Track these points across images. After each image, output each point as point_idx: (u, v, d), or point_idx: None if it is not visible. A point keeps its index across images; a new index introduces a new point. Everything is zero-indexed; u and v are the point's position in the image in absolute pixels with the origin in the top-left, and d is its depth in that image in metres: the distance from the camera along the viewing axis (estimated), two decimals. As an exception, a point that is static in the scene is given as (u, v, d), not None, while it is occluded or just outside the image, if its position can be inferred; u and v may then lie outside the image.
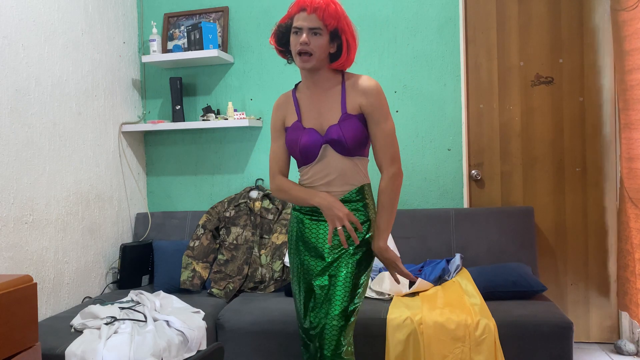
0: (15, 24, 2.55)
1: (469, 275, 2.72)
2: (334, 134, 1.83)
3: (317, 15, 1.76)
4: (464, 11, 3.17)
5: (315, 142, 1.85)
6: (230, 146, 3.46)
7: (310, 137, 1.86)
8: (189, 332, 2.34)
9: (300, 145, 1.86)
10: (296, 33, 1.80)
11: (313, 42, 1.77)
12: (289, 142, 1.91)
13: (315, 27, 1.77)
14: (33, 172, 2.62)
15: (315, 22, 1.77)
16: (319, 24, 1.77)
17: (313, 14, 1.76)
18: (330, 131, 1.84)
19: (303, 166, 1.93)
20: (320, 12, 1.76)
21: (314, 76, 1.87)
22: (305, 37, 1.76)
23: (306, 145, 1.85)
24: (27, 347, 1.79)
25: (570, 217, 3.13)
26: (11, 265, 2.47)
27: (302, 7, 1.79)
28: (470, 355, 2.27)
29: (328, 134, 1.85)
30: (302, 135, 1.86)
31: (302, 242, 1.95)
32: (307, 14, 1.77)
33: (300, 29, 1.78)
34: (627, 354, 2.95)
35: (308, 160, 1.88)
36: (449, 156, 3.19)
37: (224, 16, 3.41)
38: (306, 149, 1.86)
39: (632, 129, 2.70)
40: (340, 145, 1.84)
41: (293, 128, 1.89)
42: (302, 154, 1.87)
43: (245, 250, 3.10)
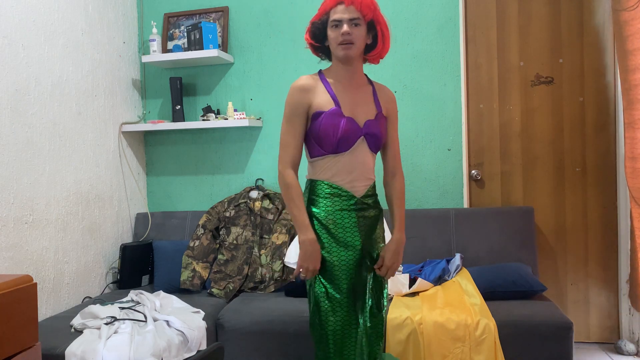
0: (15, 24, 2.55)
1: (469, 275, 2.72)
2: (374, 128, 1.89)
3: (355, 7, 1.82)
4: (464, 11, 3.17)
5: (355, 132, 1.85)
6: (230, 146, 3.46)
7: (352, 126, 1.85)
8: (189, 332, 2.34)
9: (341, 131, 1.83)
10: (336, 26, 1.84)
11: (353, 32, 1.82)
12: (326, 127, 1.83)
13: (354, 17, 1.82)
14: (33, 172, 2.62)
15: (354, 13, 1.82)
16: (358, 14, 1.82)
17: (351, 5, 1.82)
18: (369, 125, 1.88)
19: (329, 155, 1.86)
20: (358, 3, 1.82)
21: (349, 68, 1.90)
22: (346, 27, 1.81)
23: (347, 132, 1.83)
24: (27, 347, 1.80)
25: (570, 217, 3.13)
26: (11, 265, 2.47)
27: (340, 1, 1.83)
28: (470, 355, 2.27)
29: (367, 127, 1.88)
30: (342, 123, 1.83)
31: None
32: (346, 5, 1.82)
33: (340, 21, 1.82)
34: (627, 354, 2.95)
35: (341, 149, 1.85)
36: (449, 156, 3.19)
37: (224, 16, 3.41)
38: (346, 137, 1.84)
39: (635, 128, 2.69)
40: (375, 140, 1.90)
41: (332, 113, 1.84)
42: (340, 141, 1.83)
43: (245, 250, 3.10)
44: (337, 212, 1.87)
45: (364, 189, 1.90)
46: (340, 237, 1.87)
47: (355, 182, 1.89)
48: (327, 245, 1.87)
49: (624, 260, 3.02)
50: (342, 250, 1.86)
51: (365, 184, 1.91)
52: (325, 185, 1.88)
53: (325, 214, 1.88)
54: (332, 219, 1.87)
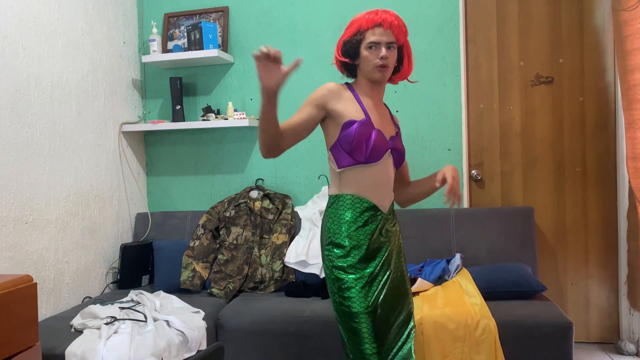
0: (15, 24, 2.55)
1: (469, 275, 2.72)
2: (398, 144, 1.94)
3: (393, 31, 1.87)
4: (464, 11, 3.17)
5: (384, 144, 1.88)
6: (230, 146, 3.46)
7: (382, 138, 1.87)
8: (189, 332, 2.34)
9: (373, 141, 1.83)
10: (371, 48, 1.86)
11: (389, 56, 1.87)
12: (359, 135, 1.82)
13: (391, 41, 1.87)
14: (33, 172, 2.62)
15: (391, 37, 1.87)
16: (394, 38, 1.88)
17: (389, 29, 1.86)
18: (394, 140, 1.93)
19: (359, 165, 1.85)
20: (395, 28, 1.87)
21: (377, 88, 1.95)
22: (385, 51, 1.85)
23: (379, 143, 1.85)
24: (27, 347, 1.79)
25: (570, 217, 3.13)
26: (11, 265, 2.47)
27: (378, 23, 1.86)
28: (470, 355, 2.27)
29: (393, 142, 1.92)
30: (374, 133, 1.84)
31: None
32: (384, 29, 1.86)
33: (378, 44, 1.85)
34: (627, 354, 2.95)
35: (372, 160, 1.84)
36: (449, 156, 3.19)
37: (224, 16, 3.41)
38: (377, 148, 1.84)
39: (635, 128, 2.69)
40: (399, 156, 1.95)
41: (364, 123, 1.83)
42: (372, 151, 1.83)
43: (245, 250, 3.10)
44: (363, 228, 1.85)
45: (388, 204, 1.92)
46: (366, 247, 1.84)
47: (382, 197, 1.89)
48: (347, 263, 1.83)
49: (624, 260, 3.02)
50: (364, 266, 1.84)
51: (390, 200, 1.94)
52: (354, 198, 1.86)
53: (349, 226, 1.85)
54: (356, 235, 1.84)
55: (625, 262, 3.01)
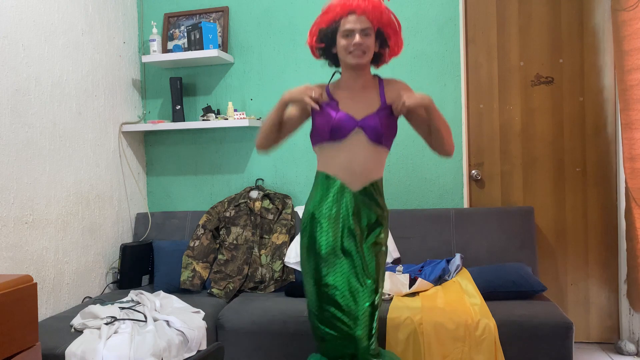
0: (15, 24, 2.55)
1: (469, 275, 2.72)
2: (371, 120, 1.93)
3: (367, 17, 1.88)
4: (464, 11, 3.17)
5: (349, 121, 1.92)
6: (230, 146, 3.46)
7: (346, 116, 1.93)
8: (189, 332, 2.34)
9: (335, 119, 1.91)
10: (347, 36, 1.90)
11: (365, 42, 1.89)
12: (320, 116, 1.95)
13: (365, 27, 1.88)
14: (33, 172, 2.62)
15: (365, 23, 1.88)
16: (369, 24, 1.89)
17: (363, 15, 1.88)
18: (368, 119, 1.94)
19: (328, 142, 1.95)
20: (369, 13, 1.88)
21: (357, 74, 1.98)
22: (359, 38, 1.87)
23: (340, 120, 1.91)
24: (27, 347, 1.80)
25: (570, 217, 3.13)
26: (11, 265, 2.47)
27: (351, 10, 1.88)
28: (470, 355, 2.27)
29: (365, 120, 1.93)
30: (336, 113, 1.92)
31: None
32: (357, 15, 1.88)
33: (352, 31, 1.88)
34: (627, 354, 2.95)
35: (336, 137, 1.92)
36: (449, 156, 3.19)
37: (224, 16, 3.41)
38: (339, 125, 1.91)
39: (633, 129, 2.70)
40: (375, 132, 1.93)
41: (327, 105, 1.94)
42: (334, 128, 1.91)
43: (245, 250, 3.10)
44: (324, 204, 1.95)
45: (360, 184, 1.95)
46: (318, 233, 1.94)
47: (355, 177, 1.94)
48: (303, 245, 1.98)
49: (624, 260, 3.02)
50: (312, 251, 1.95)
51: (364, 180, 1.95)
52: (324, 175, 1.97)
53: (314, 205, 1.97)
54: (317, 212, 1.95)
55: (625, 262, 3.01)
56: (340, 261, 1.92)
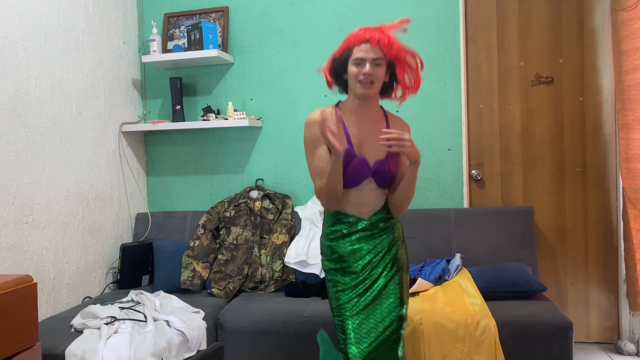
0: (15, 24, 2.55)
1: (469, 275, 2.72)
2: (384, 168, 1.94)
3: (380, 47, 1.88)
4: (464, 11, 3.17)
5: (364, 172, 1.92)
6: (230, 146, 3.46)
7: (362, 167, 1.91)
8: (189, 332, 2.34)
9: (350, 171, 1.89)
10: (358, 64, 1.89)
11: (374, 72, 1.88)
12: None
13: (377, 57, 1.88)
14: (33, 172, 2.62)
15: (377, 53, 1.88)
16: (381, 54, 1.89)
17: (376, 46, 1.88)
18: (379, 165, 1.94)
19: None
20: (383, 44, 1.88)
21: (365, 104, 1.96)
22: (369, 68, 1.87)
23: (356, 171, 1.90)
24: (27, 347, 1.80)
25: (570, 217, 3.13)
26: (11, 265, 2.47)
27: (364, 40, 1.88)
28: (470, 355, 2.27)
29: (376, 167, 1.93)
30: (353, 162, 1.90)
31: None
32: (371, 46, 1.87)
33: (363, 60, 1.88)
34: (627, 354, 2.95)
35: (351, 185, 1.92)
36: (449, 156, 3.19)
37: (224, 16, 3.41)
38: (353, 177, 1.91)
39: (629, 129, 2.70)
40: (384, 179, 1.95)
41: (345, 153, 1.86)
42: (350, 178, 1.90)
43: (245, 250, 3.10)
44: (341, 240, 1.95)
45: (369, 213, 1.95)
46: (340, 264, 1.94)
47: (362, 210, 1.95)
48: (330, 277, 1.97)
49: (624, 260, 3.01)
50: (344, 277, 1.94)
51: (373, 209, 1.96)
52: (336, 212, 1.96)
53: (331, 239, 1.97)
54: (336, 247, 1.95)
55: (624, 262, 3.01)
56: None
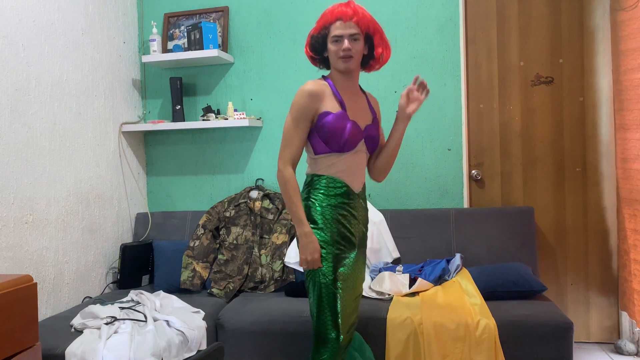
0: (15, 24, 2.55)
1: (469, 275, 2.72)
2: (374, 132, 2.06)
3: (354, 22, 1.97)
4: (464, 11, 3.17)
5: (358, 135, 2.00)
6: (230, 146, 3.46)
7: (357, 129, 2.00)
8: (189, 332, 2.34)
9: (348, 133, 1.96)
10: (337, 41, 1.98)
11: (353, 47, 1.98)
12: (333, 128, 1.95)
13: (354, 33, 1.97)
14: (33, 172, 2.62)
15: (353, 29, 1.97)
16: (357, 29, 1.97)
17: (350, 21, 1.96)
18: (369, 129, 2.05)
19: (334, 153, 1.99)
20: (357, 18, 1.97)
21: (349, 78, 2.06)
22: (347, 43, 1.96)
23: (353, 134, 1.98)
24: (27, 347, 1.80)
25: (570, 217, 3.13)
26: (11, 265, 2.47)
27: (339, 17, 1.98)
28: (470, 355, 2.27)
29: (367, 131, 2.04)
30: (349, 125, 1.97)
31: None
32: (344, 21, 1.97)
33: (340, 37, 1.97)
34: (627, 354, 2.95)
35: (345, 149, 1.98)
36: (449, 156, 3.19)
37: (224, 16, 3.41)
38: (352, 139, 1.98)
39: (626, 130, 2.70)
40: (373, 143, 2.07)
41: (339, 116, 1.97)
42: (347, 142, 1.97)
43: (245, 250, 3.10)
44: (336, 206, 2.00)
45: (360, 185, 2.08)
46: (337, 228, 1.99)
47: (355, 179, 2.04)
48: (321, 239, 1.98)
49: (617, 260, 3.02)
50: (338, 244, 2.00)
51: (362, 181, 2.09)
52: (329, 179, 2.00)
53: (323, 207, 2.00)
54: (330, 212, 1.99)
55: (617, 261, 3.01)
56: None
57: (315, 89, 1.98)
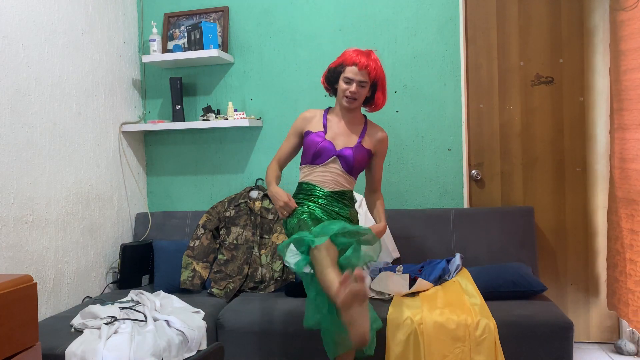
0: (15, 24, 2.55)
1: (469, 275, 2.72)
2: (347, 152, 2.35)
3: (366, 72, 2.29)
4: (464, 11, 3.17)
5: (330, 150, 2.34)
6: (230, 146, 3.46)
7: (328, 145, 2.35)
8: (189, 332, 2.34)
9: (318, 146, 2.34)
10: (347, 82, 2.31)
11: (359, 91, 2.31)
12: (309, 142, 2.37)
13: (363, 81, 2.30)
14: (33, 172, 2.62)
15: (364, 77, 2.30)
16: (367, 79, 2.30)
17: (364, 70, 2.28)
18: (344, 150, 2.35)
19: (308, 165, 2.38)
20: (369, 70, 2.29)
21: (348, 113, 2.40)
22: (355, 88, 2.30)
23: (323, 148, 2.33)
24: (27, 347, 1.80)
25: (570, 217, 3.13)
26: (11, 265, 2.47)
27: (355, 63, 2.28)
28: (470, 355, 2.28)
29: (342, 151, 2.35)
30: (322, 143, 2.35)
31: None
32: (359, 70, 2.28)
33: (351, 80, 2.30)
34: (627, 354, 2.95)
35: (317, 161, 2.35)
36: (449, 156, 3.19)
37: (224, 16, 3.41)
38: (321, 152, 2.33)
39: (625, 130, 2.69)
40: (346, 161, 2.34)
41: (317, 134, 2.37)
42: (316, 153, 2.34)
43: (245, 250, 3.10)
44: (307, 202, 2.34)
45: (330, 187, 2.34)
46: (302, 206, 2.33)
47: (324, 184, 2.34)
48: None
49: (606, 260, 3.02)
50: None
51: (333, 187, 2.34)
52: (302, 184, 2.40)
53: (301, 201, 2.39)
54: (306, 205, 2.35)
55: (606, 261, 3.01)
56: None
57: (307, 114, 2.45)
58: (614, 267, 2.81)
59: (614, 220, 2.83)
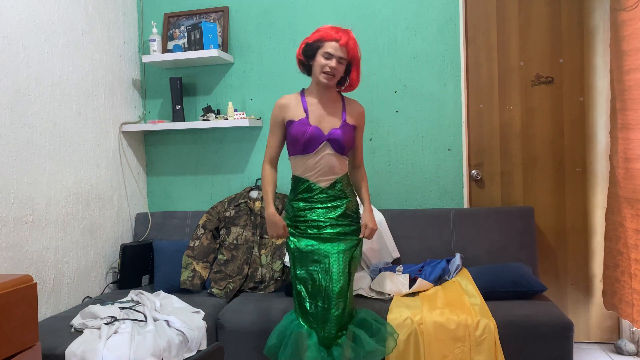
0: (15, 24, 2.55)
1: (469, 275, 2.72)
2: (336, 134, 2.31)
3: (346, 48, 2.27)
4: (464, 11, 3.17)
5: (318, 137, 2.29)
6: (230, 146, 3.46)
7: (316, 132, 2.29)
8: (189, 332, 2.34)
9: (307, 136, 2.28)
10: (327, 58, 2.27)
11: (337, 68, 2.28)
12: (295, 133, 2.30)
13: (342, 57, 2.28)
14: (33, 172, 2.62)
15: (343, 54, 2.27)
16: (345, 55, 2.28)
17: (344, 47, 2.26)
18: (333, 132, 2.31)
19: (300, 155, 2.33)
20: (349, 47, 2.28)
21: (326, 91, 2.36)
22: (334, 63, 2.26)
23: (311, 136, 2.28)
24: (27, 347, 1.80)
25: (570, 217, 3.13)
26: (11, 265, 2.47)
27: (336, 39, 2.26)
28: (470, 355, 2.28)
29: (330, 134, 2.31)
30: (309, 130, 2.28)
31: None
32: (339, 45, 2.26)
33: (331, 55, 2.26)
34: (627, 354, 2.95)
35: (307, 150, 2.30)
36: (449, 156, 3.19)
37: (224, 16, 3.41)
38: (310, 141, 2.28)
39: (629, 129, 2.68)
40: (338, 144, 2.31)
41: (301, 123, 2.30)
42: (306, 143, 2.29)
43: (245, 250, 3.10)
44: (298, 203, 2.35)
45: (327, 182, 2.32)
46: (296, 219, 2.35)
47: (320, 177, 2.31)
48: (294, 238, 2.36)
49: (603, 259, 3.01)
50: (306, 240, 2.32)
51: (329, 179, 2.32)
52: (296, 179, 2.37)
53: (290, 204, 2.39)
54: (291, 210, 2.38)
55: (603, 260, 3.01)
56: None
57: (283, 102, 2.37)
58: (615, 267, 2.81)
59: (615, 220, 2.83)
